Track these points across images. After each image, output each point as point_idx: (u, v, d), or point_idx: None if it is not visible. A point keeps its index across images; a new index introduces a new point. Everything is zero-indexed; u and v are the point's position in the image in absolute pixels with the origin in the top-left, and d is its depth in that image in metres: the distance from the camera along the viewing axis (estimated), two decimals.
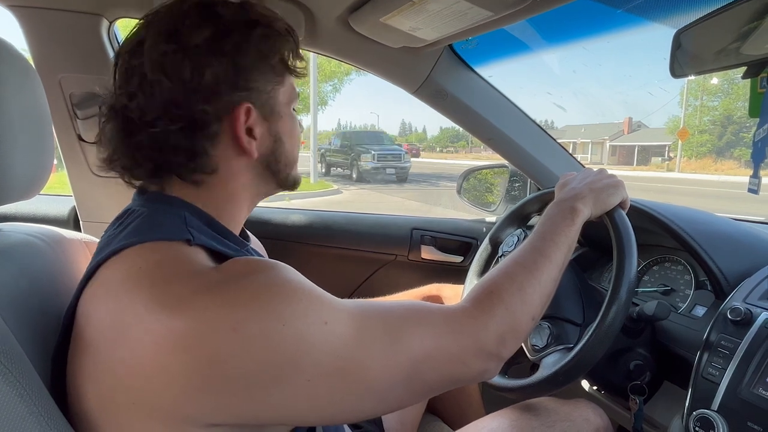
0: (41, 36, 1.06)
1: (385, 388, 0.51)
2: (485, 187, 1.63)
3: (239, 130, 0.57)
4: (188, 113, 0.54)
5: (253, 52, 0.56)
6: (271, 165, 0.63)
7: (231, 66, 0.55)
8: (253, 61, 0.57)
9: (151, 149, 0.55)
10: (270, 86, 0.59)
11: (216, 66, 0.54)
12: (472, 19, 0.83)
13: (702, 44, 0.72)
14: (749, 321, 0.70)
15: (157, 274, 0.48)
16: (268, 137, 0.61)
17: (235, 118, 0.56)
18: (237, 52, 0.55)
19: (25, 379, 0.46)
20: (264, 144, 0.60)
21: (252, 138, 0.59)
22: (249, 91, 0.57)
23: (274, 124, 0.61)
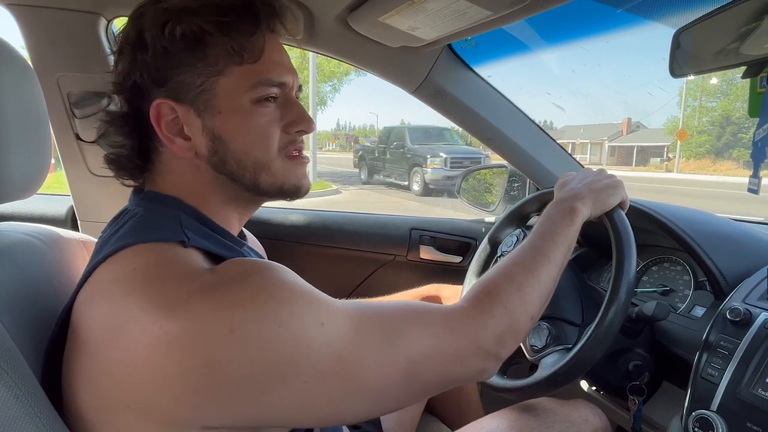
0: (39, 35, 1.06)
1: (383, 388, 0.51)
2: (484, 187, 1.63)
3: (159, 128, 0.56)
4: (127, 112, 0.58)
5: (171, 44, 0.53)
6: (218, 167, 0.58)
7: (152, 60, 0.54)
8: (175, 54, 0.54)
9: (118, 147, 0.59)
10: (201, 79, 0.55)
11: (138, 62, 0.54)
12: (471, 18, 0.83)
13: (701, 44, 0.72)
14: (748, 321, 0.70)
15: (152, 275, 0.48)
16: (202, 136, 0.56)
17: (154, 116, 0.55)
18: (155, 46, 0.53)
19: (21, 380, 0.46)
20: (200, 144, 0.57)
21: (183, 138, 0.56)
22: (169, 86, 0.55)
23: (209, 121, 0.56)
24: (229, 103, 0.56)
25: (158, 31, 0.53)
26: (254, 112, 0.57)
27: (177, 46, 0.54)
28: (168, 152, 0.58)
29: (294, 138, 0.61)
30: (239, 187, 0.59)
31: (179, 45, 0.53)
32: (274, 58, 0.58)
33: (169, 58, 0.54)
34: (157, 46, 0.53)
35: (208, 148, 0.57)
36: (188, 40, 0.53)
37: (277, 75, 0.58)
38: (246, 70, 0.56)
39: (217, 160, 0.57)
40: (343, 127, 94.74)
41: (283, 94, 0.60)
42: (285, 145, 0.60)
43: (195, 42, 0.54)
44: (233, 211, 0.63)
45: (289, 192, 0.61)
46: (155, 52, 0.54)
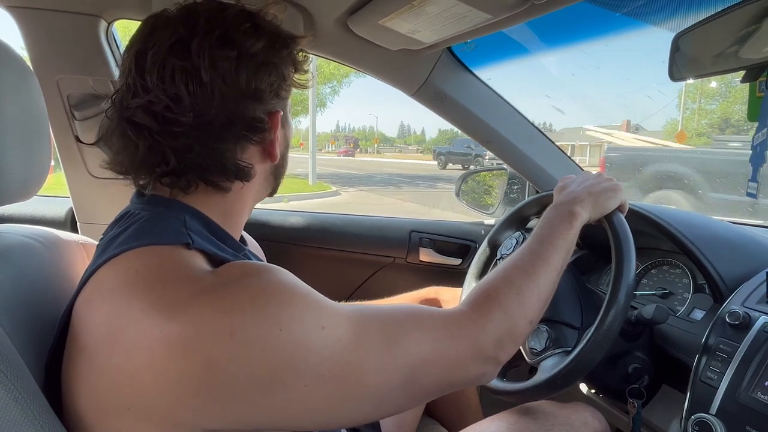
0: (39, 37, 1.06)
1: (383, 392, 0.51)
2: (484, 189, 1.63)
3: (276, 135, 0.60)
4: (241, 118, 0.55)
5: (291, 63, 0.60)
6: (279, 169, 0.66)
7: (277, 76, 0.58)
8: (290, 72, 0.61)
9: (188, 151, 0.54)
10: (289, 95, 0.63)
11: (267, 75, 0.57)
12: (471, 21, 0.83)
13: (700, 48, 0.72)
14: (747, 325, 0.70)
15: (153, 277, 0.48)
16: (283, 143, 0.64)
17: (274, 124, 0.59)
18: (283, 63, 0.59)
19: (21, 383, 0.46)
20: (280, 149, 0.63)
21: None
22: (283, 99, 0.61)
23: (287, 130, 0.65)
24: (288, 116, 0.65)
25: (282, 50, 0.59)
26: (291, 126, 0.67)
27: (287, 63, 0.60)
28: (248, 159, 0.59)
29: None
30: (272, 187, 0.67)
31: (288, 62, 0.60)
32: None
33: (283, 73, 0.60)
34: (288, 61, 0.60)
35: (282, 153, 0.64)
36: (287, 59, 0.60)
37: None
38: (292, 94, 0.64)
39: (282, 163, 0.65)
40: (343, 129, 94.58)
41: None
42: None
43: (300, 64, 0.62)
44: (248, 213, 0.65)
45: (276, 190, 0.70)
46: (285, 65, 0.60)
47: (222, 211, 0.59)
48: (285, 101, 0.62)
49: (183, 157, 0.54)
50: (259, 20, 0.58)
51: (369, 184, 16.22)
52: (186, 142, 0.53)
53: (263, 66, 0.56)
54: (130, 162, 0.56)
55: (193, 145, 0.54)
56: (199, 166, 0.55)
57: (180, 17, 0.55)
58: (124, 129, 0.54)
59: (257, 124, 0.57)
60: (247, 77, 0.55)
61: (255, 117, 0.57)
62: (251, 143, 0.58)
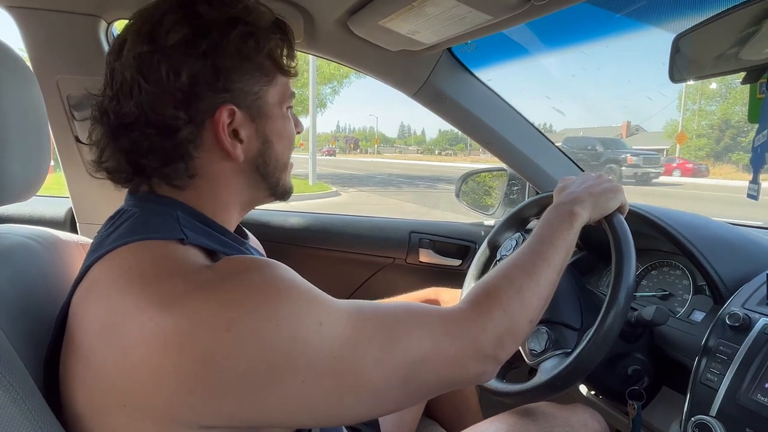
0: (39, 37, 1.05)
1: (381, 389, 0.50)
2: (484, 190, 1.63)
3: (221, 133, 0.56)
4: (162, 116, 0.54)
5: (233, 51, 0.54)
6: (260, 168, 0.61)
7: (210, 67, 0.54)
8: (234, 61, 0.55)
9: (132, 152, 0.55)
10: (257, 86, 0.57)
11: (192, 67, 0.53)
12: (471, 22, 0.83)
13: (701, 49, 0.72)
14: (748, 326, 0.70)
15: (148, 272, 0.47)
16: (255, 139, 0.59)
17: (216, 120, 0.55)
18: (214, 52, 0.54)
19: (19, 383, 0.46)
20: (252, 147, 0.59)
21: (237, 141, 0.58)
22: (231, 92, 0.56)
23: (261, 125, 0.59)
24: (274, 110, 0.61)
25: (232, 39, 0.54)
26: (287, 119, 0.63)
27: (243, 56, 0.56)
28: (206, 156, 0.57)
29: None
30: (264, 186, 0.63)
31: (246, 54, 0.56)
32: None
33: (234, 66, 0.55)
34: (226, 53, 0.55)
35: (258, 150, 0.60)
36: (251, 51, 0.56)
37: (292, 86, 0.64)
38: (284, 81, 0.61)
39: (262, 161, 0.61)
40: (343, 129, 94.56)
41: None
42: None
43: (255, 53, 0.57)
44: (236, 211, 0.63)
45: (288, 192, 0.67)
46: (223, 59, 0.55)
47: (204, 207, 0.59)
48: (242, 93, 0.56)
49: (129, 157, 0.56)
50: (198, 7, 0.54)
51: (369, 184, 16.23)
52: (121, 142, 0.55)
53: (184, 57, 0.53)
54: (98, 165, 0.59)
55: (137, 143, 0.55)
56: (132, 163, 0.56)
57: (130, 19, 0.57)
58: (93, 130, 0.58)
59: (173, 121, 0.54)
60: (166, 71, 0.53)
61: (172, 114, 0.54)
62: (202, 140, 0.56)
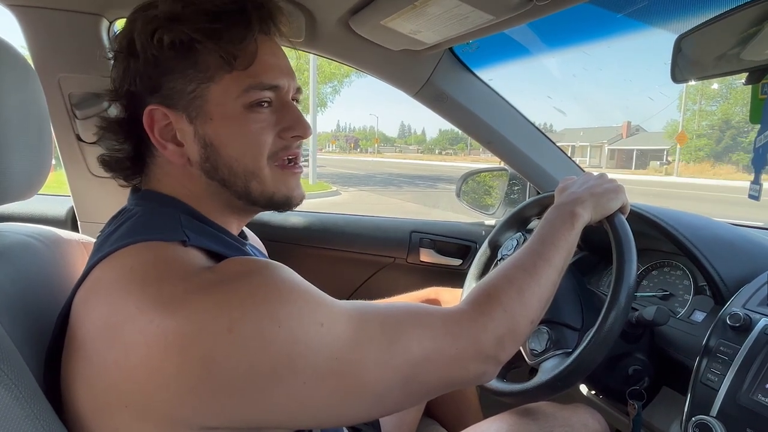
0: (41, 36, 1.05)
1: (382, 390, 0.50)
2: (484, 190, 1.62)
3: (152, 134, 0.56)
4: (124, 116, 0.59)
5: (160, 52, 0.53)
6: (211, 174, 0.57)
7: (143, 68, 0.54)
8: (165, 62, 0.54)
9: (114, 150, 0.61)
10: (192, 86, 0.54)
11: (131, 70, 0.55)
12: (473, 22, 0.83)
13: (702, 50, 0.72)
14: (748, 327, 0.70)
15: (149, 274, 0.47)
16: (194, 143, 0.56)
17: (147, 122, 0.55)
18: (146, 54, 0.53)
19: (21, 382, 0.46)
20: (193, 150, 0.57)
21: (176, 144, 0.57)
22: (162, 92, 0.55)
23: (200, 127, 0.56)
24: (220, 109, 0.55)
25: (147, 39, 0.53)
26: (246, 118, 0.56)
27: (166, 55, 0.53)
28: (163, 157, 0.58)
29: (289, 143, 0.60)
30: (232, 195, 0.59)
31: (168, 53, 0.53)
32: (268, 61, 0.57)
33: (159, 66, 0.54)
34: (147, 54, 0.53)
35: (200, 154, 0.56)
36: (177, 49, 0.53)
37: (270, 78, 0.57)
38: (237, 76, 0.55)
39: (209, 166, 0.57)
40: (343, 129, 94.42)
41: (278, 97, 0.59)
42: (277, 152, 0.59)
43: (185, 50, 0.53)
44: (231, 216, 0.63)
45: (280, 202, 0.61)
46: (146, 60, 0.54)
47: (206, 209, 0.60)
48: (176, 94, 0.55)
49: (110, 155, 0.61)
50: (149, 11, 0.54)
51: (369, 183, 16.23)
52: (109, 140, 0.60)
53: (126, 60, 0.55)
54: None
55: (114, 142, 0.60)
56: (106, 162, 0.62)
57: None
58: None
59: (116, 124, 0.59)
60: (116, 76, 0.58)
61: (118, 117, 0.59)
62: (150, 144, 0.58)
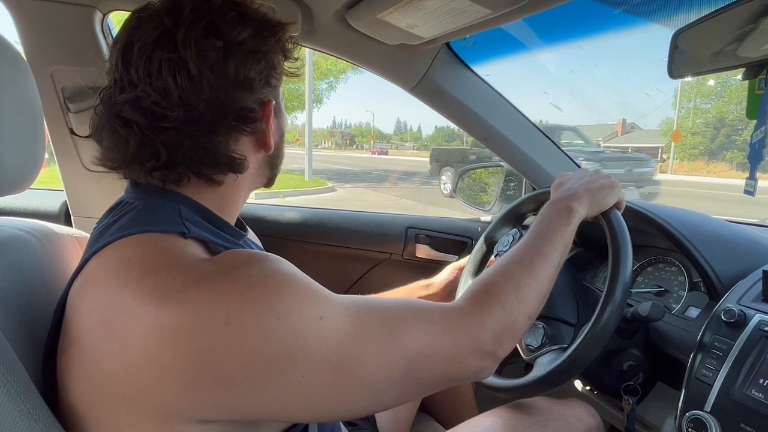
0: (33, 28, 1.04)
1: (380, 385, 0.50)
2: (480, 186, 1.63)
3: (269, 125, 0.60)
4: (231, 109, 0.54)
5: (280, 51, 0.59)
6: (274, 159, 0.66)
7: (266, 64, 0.57)
8: (279, 60, 0.60)
9: (179, 146, 0.53)
10: (280, 84, 0.62)
11: (256, 63, 0.56)
12: (470, 16, 0.83)
13: (699, 45, 0.72)
14: (743, 323, 0.71)
15: (147, 265, 0.47)
16: (277, 132, 0.64)
17: (266, 114, 0.59)
18: (272, 51, 0.58)
19: (14, 377, 0.46)
20: (275, 139, 0.63)
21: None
22: (274, 88, 0.60)
23: (280, 119, 0.64)
24: (281, 106, 0.65)
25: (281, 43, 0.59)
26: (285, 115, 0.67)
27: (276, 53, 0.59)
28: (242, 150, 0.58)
29: None
30: (267, 178, 0.67)
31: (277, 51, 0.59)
32: None
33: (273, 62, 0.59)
34: (278, 50, 0.59)
35: (277, 143, 0.64)
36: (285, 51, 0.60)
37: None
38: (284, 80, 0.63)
39: (276, 153, 0.65)
40: (339, 125, 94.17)
41: None
42: None
43: (289, 51, 0.61)
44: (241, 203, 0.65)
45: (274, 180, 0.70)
46: (275, 54, 0.59)
47: (217, 201, 0.59)
48: (276, 90, 0.62)
49: (174, 152, 0.53)
50: (245, 8, 0.57)
51: (365, 180, 16.21)
52: (176, 136, 0.53)
53: (251, 54, 0.55)
54: (121, 158, 0.55)
55: (184, 139, 0.53)
56: (191, 160, 0.54)
57: (165, 9, 0.54)
58: (113, 125, 0.53)
59: (248, 114, 0.56)
60: (235, 67, 0.54)
61: (245, 107, 0.56)
62: (243, 134, 0.57)
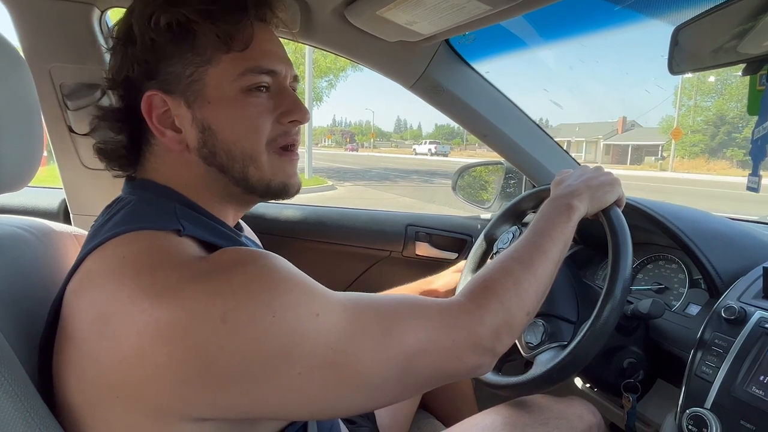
0: (31, 25, 1.04)
1: (378, 381, 0.50)
2: (480, 184, 1.62)
3: (150, 121, 0.56)
4: (120, 105, 0.58)
5: (159, 35, 0.53)
6: (209, 159, 0.57)
7: (141, 53, 0.55)
8: (163, 45, 0.54)
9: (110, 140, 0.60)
10: (190, 69, 0.55)
11: (128, 57, 0.55)
12: (469, 13, 0.83)
13: (700, 41, 0.72)
14: (743, 320, 0.70)
15: (142, 263, 0.47)
16: (192, 128, 0.56)
17: (145, 109, 0.56)
18: (143, 39, 0.54)
19: (11, 375, 0.46)
20: (191, 136, 0.57)
21: (174, 130, 0.57)
22: (160, 78, 0.55)
23: (199, 111, 0.56)
24: (218, 92, 0.55)
25: (145, 23, 0.54)
26: (244, 102, 0.56)
27: (164, 37, 0.54)
28: (160, 145, 0.58)
29: (287, 129, 0.60)
30: (229, 181, 0.59)
31: (166, 36, 0.54)
32: (265, 47, 0.58)
33: (157, 50, 0.55)
34: (145, 38, 0.54)
35: (198, 139, 0.56)
36: (174, 30, 0.54)
37: (268, 63, 0.58)
38: (234, 58, 0.55)
39: (207, 152, 0.57)
40: (339, 123, 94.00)
41: (275, 83, 0.59)
42: (275, 137, 0.59)
43: (182, 32, 0.54)
44: (228, 206, 0.62)
45: (276, 190, 0.61)
46: (143, 44, 0.54)
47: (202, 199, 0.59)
48: (174, 78, 0.55)
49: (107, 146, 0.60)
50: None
51: (365, 178, 16.22)
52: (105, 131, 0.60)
53: (125, 47, 0.56)
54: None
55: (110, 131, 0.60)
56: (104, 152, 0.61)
57: None
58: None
59: (118, 112, 0.59)
60: (113, 64, 0.58)
61: (119, 105, 0.59)
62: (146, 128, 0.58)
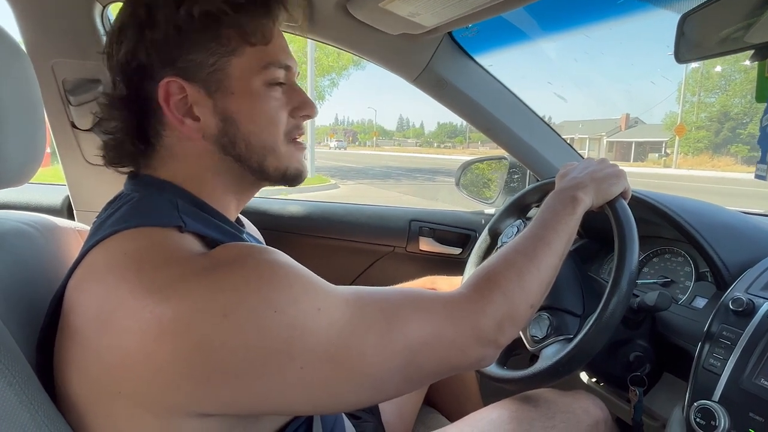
0: (33, 20, 1.04)
1: (381, 375, 0.50)
2: (483, 180, 1.61)
3: (168, 109, 0.55)
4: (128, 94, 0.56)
5: (186, 23, 0.53)
6: (227, 149, 0.58)
7: (163, 39, 0.54)
8: (188, 33, 0.54)
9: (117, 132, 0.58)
10: (213, 59, 0.55)
11: (147, 42, 0.54)
12: (472, 3, 0.82)
13: (706, 30, 0.71)
14: (751, 311, 0.70)
15: (144, 259, 0.47)
16: (212, 117, 0.56)
17: (162, 96, 0.55)
18: (168, 25, 0.53)
19: (16, 369, 0.46)
20: (210, 124, 0.57)
21: (192, 119, 0.56)
22: (180, 66, 0.54)
23: (220, 101, 0.56)
24: (242, 84, 0.56)
25: (173, 9, 0.53)
26: (266, 95, 0.58)
27: (192, 26, 0.54)
28: (172, 135, 0.58)
29: (298, 123, 0.62)
30: (245, 170, 0.59)
31: (195, 24, 0.54)
32: (281, 42, 0.60)
33: (182, 37, 0.54)
34: (170, 24, 0.53)
35: (219, 128, 0.57)
36: (204, 20, 0.54)
37: (284, 58, 0.59)
38: (257, 51, 0.56)
39: (227, 141, 0.57)
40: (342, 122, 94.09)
41: (288, 78, 0.61)
42: (290, 130, 0.61)
43: (211, 22, 0.54)
44: (232, 197, 0.62)
45: (291, 177, 0.62)
46: (167, 31, 0.54)
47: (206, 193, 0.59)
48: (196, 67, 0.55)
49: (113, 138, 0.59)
50: None
51: (368, 176, 16.22)
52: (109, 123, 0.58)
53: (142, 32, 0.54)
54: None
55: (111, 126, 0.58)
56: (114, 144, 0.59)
57: None
58: None
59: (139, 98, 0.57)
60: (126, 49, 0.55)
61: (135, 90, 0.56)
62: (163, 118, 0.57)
